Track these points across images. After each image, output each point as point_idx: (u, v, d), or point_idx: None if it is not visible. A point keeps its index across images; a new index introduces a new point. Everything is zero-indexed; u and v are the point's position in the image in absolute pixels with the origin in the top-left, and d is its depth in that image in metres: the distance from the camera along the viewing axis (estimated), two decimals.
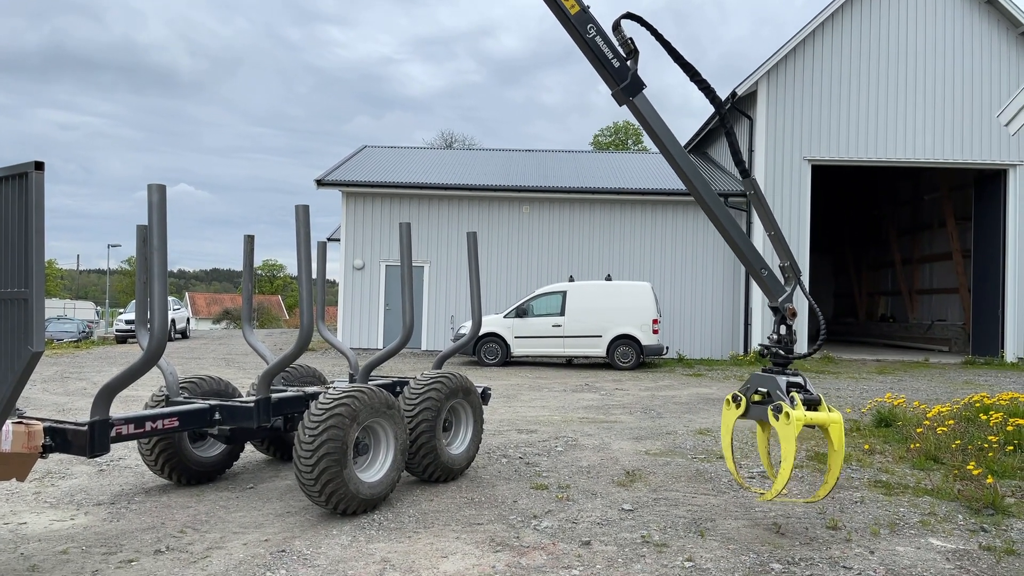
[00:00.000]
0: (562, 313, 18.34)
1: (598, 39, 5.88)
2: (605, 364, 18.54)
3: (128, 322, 28.60)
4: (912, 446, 7.81)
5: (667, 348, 19.28)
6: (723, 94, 23.51)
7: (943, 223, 26.66)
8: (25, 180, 3.77)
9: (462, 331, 18.61)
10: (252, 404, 5.75)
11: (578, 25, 5.86)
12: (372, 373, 6.97)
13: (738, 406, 5.51)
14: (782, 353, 5.59)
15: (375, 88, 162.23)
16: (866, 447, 8.04)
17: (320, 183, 21.90)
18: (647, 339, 18.01)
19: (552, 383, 14.72)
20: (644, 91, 5.92)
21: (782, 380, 5.34)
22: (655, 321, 18.11)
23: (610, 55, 5.88)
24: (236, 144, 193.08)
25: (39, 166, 3.74)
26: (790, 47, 21.30)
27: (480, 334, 17.39)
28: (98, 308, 66.88)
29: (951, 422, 8.37)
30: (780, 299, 5.80)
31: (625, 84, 5.86)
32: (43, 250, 3.77)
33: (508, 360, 18.51)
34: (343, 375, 11.70)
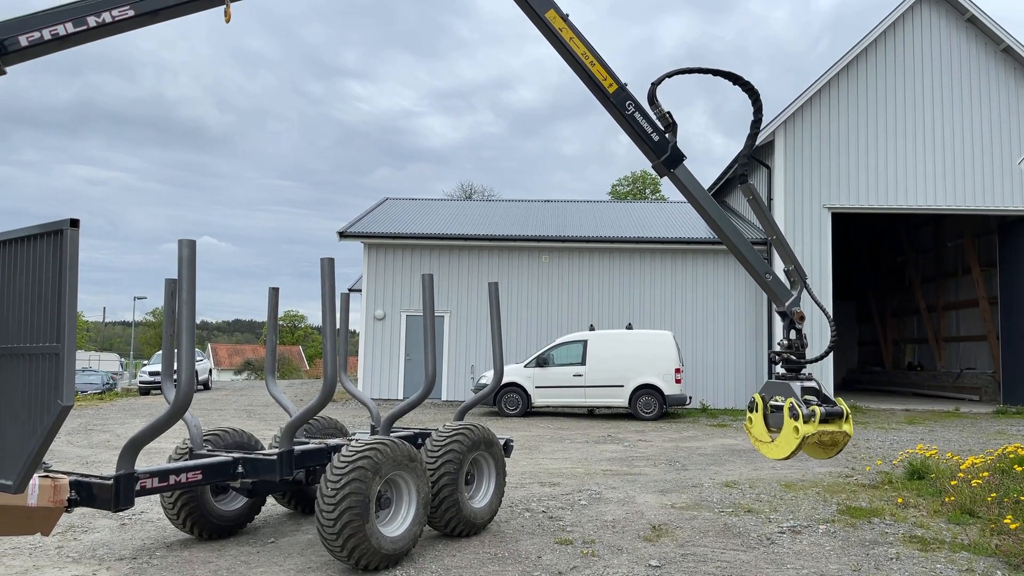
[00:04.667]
0: (583, 362, 18.22)
1: (637, 115, 6.00)
2: (627, 414, 18.32)
3: (152, 373, 28.79)
4: (947, 499, 7.60)
5: (690, 398, 19.04)
6: (740, 143, 23.64)
7: (968, 270, 26.35)
8: (60, 237, 3.87)
9: (483, 381, 18.53)
10: (275, 457, 5.75)
11: (616, 103, 5.99)
12: (394, 424, 6.94)
13: (756, 411, 5.47)
14: (794, 358, 5.54)
15: (396, 141, 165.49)
16: (899, 500, 7.83)
17: (343, 235, 22.20)
18: (670, 389, 17.80)
19: (574, 434, 14.55)
20: (685, 162, 6.02)
21: (796, 387, 5.28)
22: (678, 370, 17.93)
23: (649, 130, 5.99)
24: (259, 197, 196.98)
25: (74, 223, 3.85)
26: (806, 97, 21.49)
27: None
28: (122, 360, 67.56)
29: (985, 474, 8.14)
30: (787, 303, 5.78)
31: (666, 157, 5.95)
32: (75, 306, 3.85)
33: (529, 410, 18.35)
34: (364, 426, 11.66)
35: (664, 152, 6.08)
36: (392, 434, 6.65)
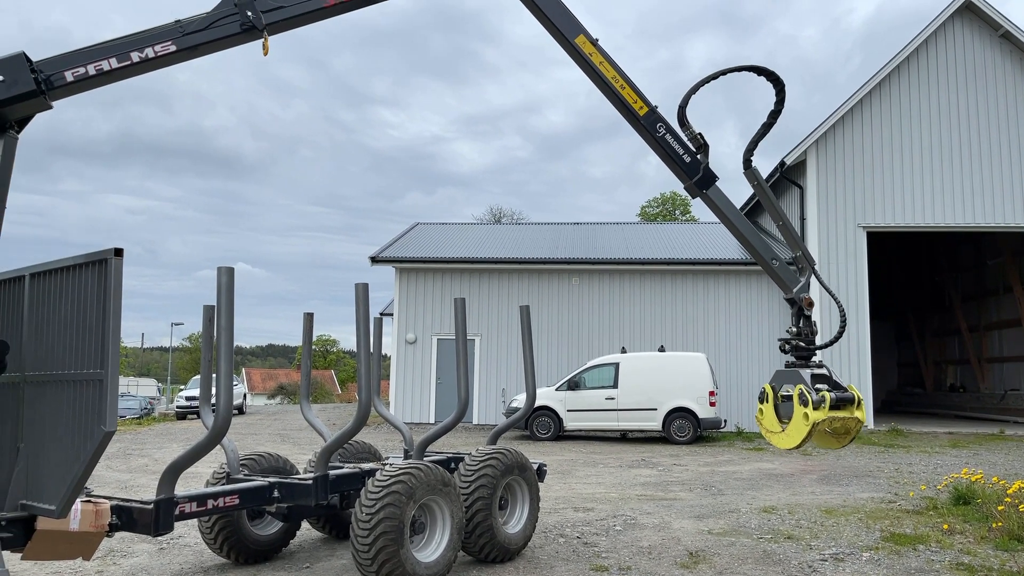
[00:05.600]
0: (615, 385, 18.07)
1: (668, 137, 6.01)
2: (661, 438, 18.10)
3: (189, 398, 29.21)
4: (994, 525, 7.36)
5: (725, 421, 18.75)
6: (772, 163, 23.56)
7: (1009, 288, 25.73)
8: (105, 266, 3.97)
9: (514, 404, 18.46)
10: (310, 481, 5.77)
11: (647, 125, 6.02)
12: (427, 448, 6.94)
13: (766, 401, 5.48)
14: (803, 345, 5.52)
15: (425, 166, 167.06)
16: (945, 527, 7.60)
17: (374, 260, 22.43)
18: (704, 412, 17.56)
19: (607, 458, 14.41)
20: (717, 183, 6.01)
21: (806, 373, 5.26)
22: (711, 393, 17.69)
23: (681, 151, 6.01)
24: (292, 223, 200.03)
25: (118, 253, 3.95)
26: (838, 116, 21.31)
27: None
28: (159, 385, 68.67)
29: None
30: (795, 290, 5.76)
31: (698, 178, 5.96)
32: (119, 333, 3.93)
33: (561, 434, 18.23)
34: (396, 449, 11.66)
35: (696, 173, 6.07)
36: (425, 458, 6.64)
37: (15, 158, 4.60)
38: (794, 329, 5.67)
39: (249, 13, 4.97)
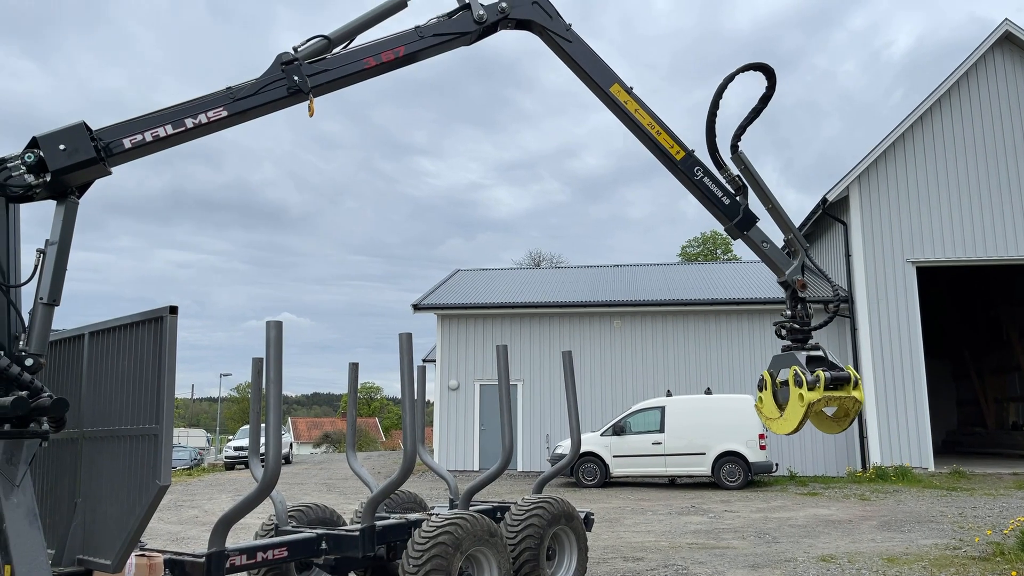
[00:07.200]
0: (661, 430, 17.77)
1: (706, 180, 6.08)
2: (710, 483, 17.67)
3: (237, 448, 29.55)
4: None
5: (777, 465, 18.24)
6: (813, 200, 23.21)
7: None
8: (160, 323, 4.11)
9: (558, 451, 18.27)
10: (357, 533, 5.78)
11: (685, 169, 6.09)
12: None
13: (764, 388, 5.50)
14: (797, 327, 5.53)
15: (464, 213, 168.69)
16: (1013, 574, 7.24)
17: (417, 307, 22.66)
18: (754, 456, 17.13)
19: (656, 505, 14.11)
20: (758, 223, 6.05)
21: (801, 356, 5.26)
22: (762, 436, 17.27)
23: (720, 194, 6.06)
24: (335, 272, 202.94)
25: (173, 311, 4.09)
26: (881, 150, 21.03)
27: None
28: (208, 435, 69.68)
29: None
30: (788, 272, 5.76)
31: (738, 220, 5.99)
32: (173, 389, 4.05)
33: (607, 481, 17.93)
34: (441, 498, 11.60)
35: (736, 215, 6.07)
36: (471, 508, 6.61)
37: (76, 221, 4.81)
38: (788, 312, 5.72)
39: (296, 78, 5.19)
